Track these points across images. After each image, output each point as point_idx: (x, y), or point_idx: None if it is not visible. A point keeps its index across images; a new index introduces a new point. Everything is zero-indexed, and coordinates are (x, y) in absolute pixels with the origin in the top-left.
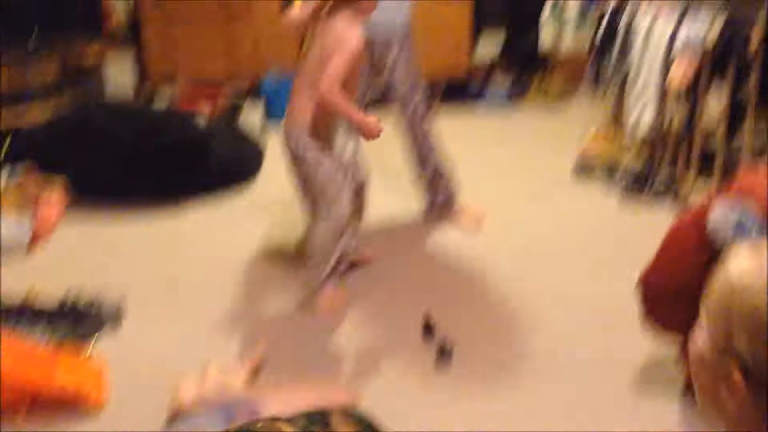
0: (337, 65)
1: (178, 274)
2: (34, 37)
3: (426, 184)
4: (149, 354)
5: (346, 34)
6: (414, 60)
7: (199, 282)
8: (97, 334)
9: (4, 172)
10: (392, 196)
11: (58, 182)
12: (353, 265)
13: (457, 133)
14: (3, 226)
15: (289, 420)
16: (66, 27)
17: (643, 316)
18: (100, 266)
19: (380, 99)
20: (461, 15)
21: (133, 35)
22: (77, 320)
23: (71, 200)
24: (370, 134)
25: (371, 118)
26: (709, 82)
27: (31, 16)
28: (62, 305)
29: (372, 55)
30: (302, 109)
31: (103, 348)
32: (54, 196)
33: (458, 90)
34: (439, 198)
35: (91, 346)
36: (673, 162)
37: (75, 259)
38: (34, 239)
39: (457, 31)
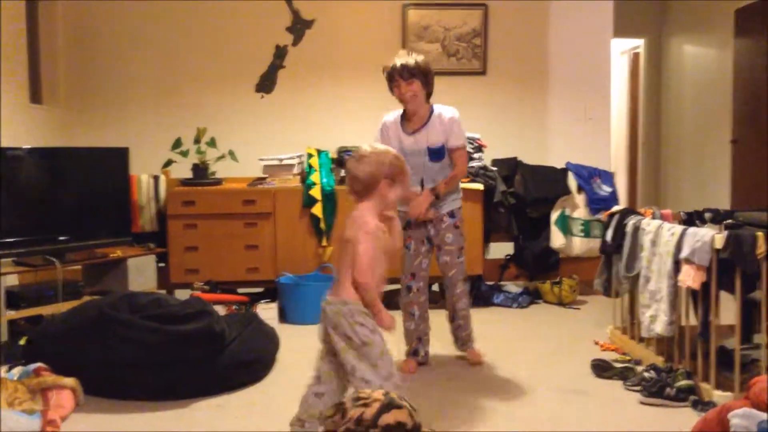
0: (364, 252)
1: None
2: (64, 236)
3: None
4: None
5: (364, 219)
6: (461, 231)
7: None
8: None
9: (18, 369)
10: None
11: (70, 383)
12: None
13: (475, 328)
14: (12, 421)
15: None
16: (95, 227)
17: None
18: None
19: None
20: (474, 221)
21: (159, 238)
22: None
23: (82, 401)
24: (387, 327)
25: (389, 316)
26: (721, 282)
27: (66, 214)
28: None
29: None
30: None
31: None
32: (64, 398)
33: (474, 287)
34: (459, 342)
35: None
36: (692, 359)
37: None
38: None
39: (471, 234)
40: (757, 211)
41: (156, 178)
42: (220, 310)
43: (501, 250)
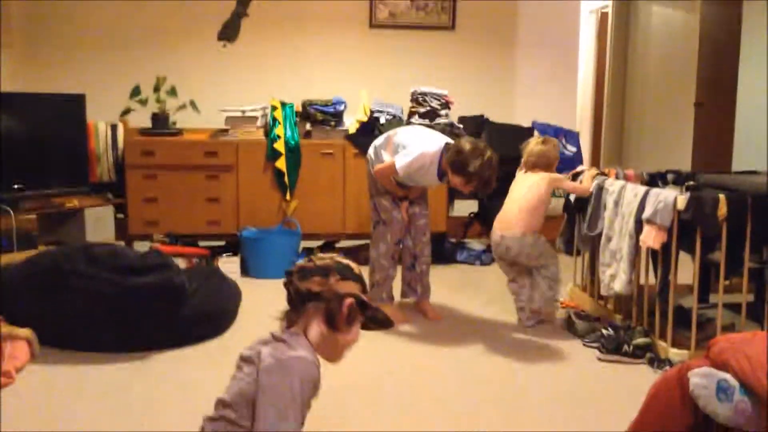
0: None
1: (145, 426)
2: (19, 184)
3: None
4: None
5: (553, 177)
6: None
7: None
8: None
9: None
10: None
11: (25, 334)
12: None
13: (436, 279)
14: None
15: None
16: (51, 175)
17: None
18: (63, 413)
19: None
20: None
21: (117, 188)
22: None
23: (38, 352)
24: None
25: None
26: (681, 243)
27: (20, 162)
28: None
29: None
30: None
31: None
32: (19, 349)
33: (438, 244)
34: (417, 291)
35: None
36: (650, 317)
37: (36, 403)
38: None
39: (435, 191)
40: (718, 174)
41: (114, 127)
42: (181, 263)
43: (465, 207)
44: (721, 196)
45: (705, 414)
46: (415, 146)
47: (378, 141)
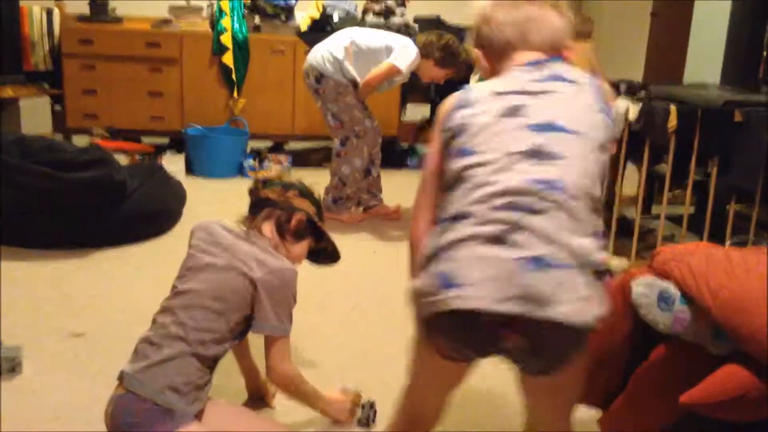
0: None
1: (84, 325)
2: None
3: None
4: (47, 407)
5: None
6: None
7: (105, 334)
8: None
9: None
10: None
11: None
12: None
13: (385, 185)
14: None
15: None
16: None
17: None
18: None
19: None
20: None
21: (54, 78)
22: None
23: None
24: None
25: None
26: (629, 154)
27: None
28: None
29: None
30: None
31: None
32: None
33: (388, 148)
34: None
35: None
36: None
37: None
38: None
39: (387, 94)
40: (670, 85)
41: (49, 12)
42: (122, 159)
43: (417, 112)
44: (672, 108)
45: (644, 322)
46: (402, 43)
47: (329, 56)
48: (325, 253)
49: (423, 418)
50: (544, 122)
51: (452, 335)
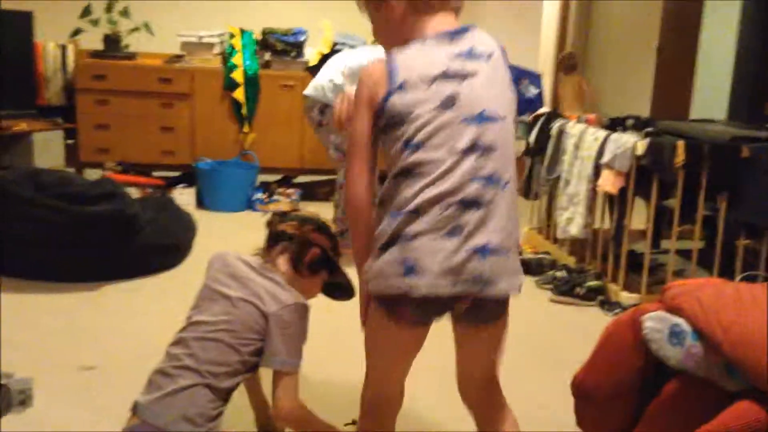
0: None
1: (96, 358)
2: None
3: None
4: None
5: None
6: None
7: (117, 367)
8: (3, 413)
9: None
10: None
11: None
12: None
13: None
14: None
15: None
16: None
17: (577, 418)
18: (10, 343)
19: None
20: None
21: (67, 113)
22: None
23: None
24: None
25: None
26: (637, 189)
27: None
28: None
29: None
30: None
31: (8, 428)
32: None
33: None
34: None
35: None
36: (603, 261)
37: None
38: None
39: None
40: (677, 121)
41: (63, 48)
42: (134, 193)
43: None
44: (680, 143)
45: (656, 358)
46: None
47: (330, 85)
48: (340, 288)
49: (392, 400)
50: (477, 113)
51: (416, 305)
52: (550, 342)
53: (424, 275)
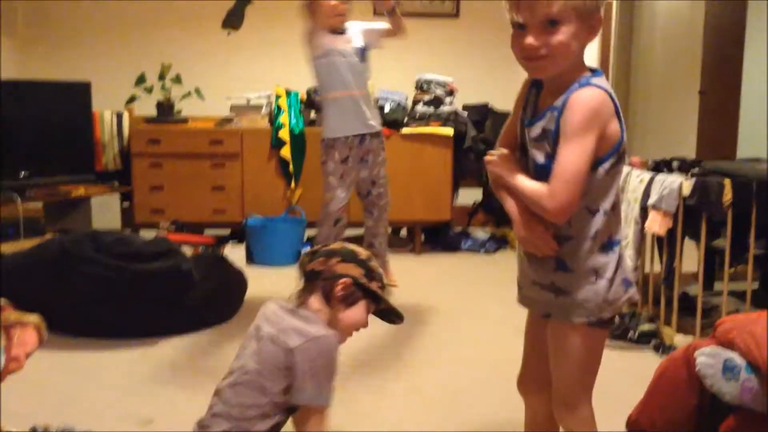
0: None
1: (153, 412)
2: (25, 172)
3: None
4: None
5: None
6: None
7: (173, 421)
8: None
9: None
10: None
11: (34, 319)
12: None
13: (440, 268)
14: None
15: None
16: (57, 163)
17: None
18: (70, 400)
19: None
20: (444, 166)
21: (123, 176)
22: None
23: (46, 338)
24: None
25: None
26: (686, 230)
27: (25, 150)
28: None
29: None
30: None
31: None
32: (28, 335)
33: (442, 232)
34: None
35: None
36: (655, 304)
37: (44, 388)
38: (2, 375)
39: (440, 179)
40: (723, 161)
41: (119, 115)
42: (187, 250)
43: (470, 196)
44: (726, 182)
45: (711, 393)
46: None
47: None
48: (388, 313)
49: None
50: None
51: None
52: (605, 386)
53: (633, 285)
